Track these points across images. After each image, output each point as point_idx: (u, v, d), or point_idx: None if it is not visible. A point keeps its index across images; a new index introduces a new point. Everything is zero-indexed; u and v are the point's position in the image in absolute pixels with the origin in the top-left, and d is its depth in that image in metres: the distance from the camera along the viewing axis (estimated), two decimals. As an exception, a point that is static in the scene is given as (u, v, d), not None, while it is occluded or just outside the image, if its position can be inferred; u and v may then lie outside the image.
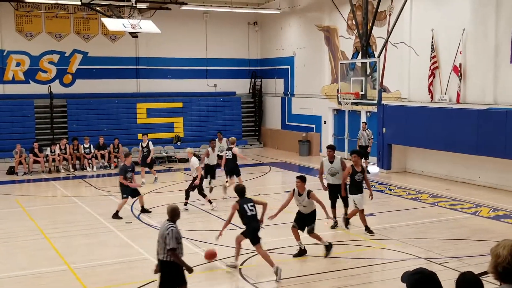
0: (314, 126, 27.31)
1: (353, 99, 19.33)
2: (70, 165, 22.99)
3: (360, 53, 21.20)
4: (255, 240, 10.04)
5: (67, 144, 23.16)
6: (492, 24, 18.13)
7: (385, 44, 19.97)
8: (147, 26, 22.43)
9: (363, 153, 12.90)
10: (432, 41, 20.02)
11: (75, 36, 27.57)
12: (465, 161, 18.98)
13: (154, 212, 15.02)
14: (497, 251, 3.70)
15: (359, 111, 24.34)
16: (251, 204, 10.26)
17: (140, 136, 19.99)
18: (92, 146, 23.25)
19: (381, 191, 17.95)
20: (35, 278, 10.16)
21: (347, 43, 24.81)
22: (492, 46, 18.14)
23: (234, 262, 10.42)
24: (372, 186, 15.39)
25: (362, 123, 22.17)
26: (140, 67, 28.81)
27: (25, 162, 22.26)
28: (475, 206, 15.72)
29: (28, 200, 17.64)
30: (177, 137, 28.18)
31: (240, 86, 31.20)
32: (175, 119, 28.64)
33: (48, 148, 22.83)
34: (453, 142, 18.52)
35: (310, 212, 11.23)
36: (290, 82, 29.27)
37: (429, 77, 20.21)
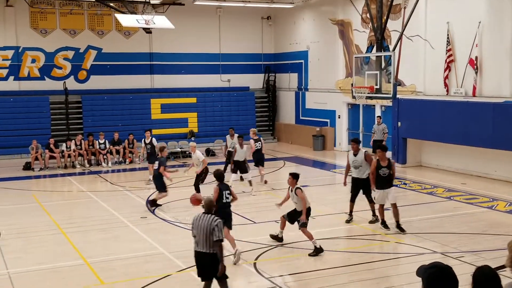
0: (328, 120, 27.23)
1: (368, 93, 19.24)
2: (86, 161, 23.14)
3: (375, 46, 21.07)
4: (228, 225, 10.40)
5: (82, 140, 23.31)
6: (508, 16, 17.93)
7: (400, 38, 19.85)
8: (160, 21, 22.45)
9: (384, 147, 12.59)
10: (447, 34, 19.85)
11: (89, 32, 27.72)
12: (481, 155, 18.83)
13: (169, 207, 15.08)
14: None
15: (374, 105, 24.22)
16: (228, 192, 10.79)
17: (148, 132, 19.39)
18: (107, 141, 23.40)
19: (396, 186, 17.79)
20: (52, 272, 10.25)
21: (361, 36, 24.67)
22: (509, 39, 17.94)
23: (235, 250, 10.53)
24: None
25: (377, 117, 22.06)
26: (154, 62, 28.90)
27: (41, 158, 22.44)
28: (491, 200, 15.60)
29: (45, 195, 17.79)
30: (191, 132, 28.24)
31: (254, 81, 31.19)
32: (189, 114, 28.70)
33: (64, 144, 22.99)
34: (469, 135, 18.37)
35: (301, 210, 11.19)
36: (304, 76, 29.19)
37: (445, 70, 20.04)
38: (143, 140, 19.44)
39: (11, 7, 26.12)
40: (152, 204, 15.02)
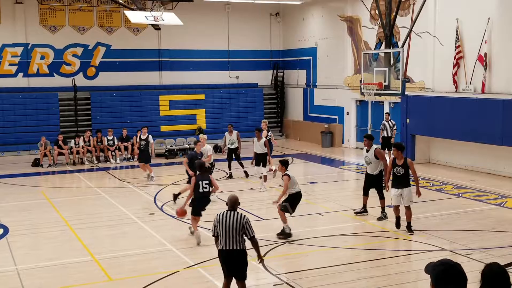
0: (336, 117, 27.17)
1: (377, 90, 19.19)
2: (94, 157, 23.21)
3: (384, 43, 21.04)
4: (197, 213, 11.46)
5: (91, 136, 23.38)
6: (518, 12, 17.82)
7: (409, 34, 19.77)
8: (169, 18, 22.46)
9: (400, 146, 12.32)
10: (456, 31, 19.74)
11: (98, 29, 27.78)
12: (490, 152, 18.73)
13: (177, 203, 15.07)
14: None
15: (382, 102, 24.15)
16: (206, 182, 11.46)
17: (145, 128, 19.09)
18: (115, 138, 23.46)
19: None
20: (61, 269, 10.29)
21: (370, 33, 24.59)
22: (518, 35, 17.84)
23: (192, 229, 11.82)
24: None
25: (385, 113, 21.99)
26: (162, 59, 28.93)
27: (50, 154, 22.53)
28: (500, 197, 15.52)
29: (53, 191, 17.85)
30: (199, 129, 28.25)
31: (262, 78, 31.17)
32: (198, 111, 28.72)
33: (72, 140, 23.07)
34: (478, 132, 18.27)
35: (289, 194, 11.80)
36: (312, 73, 29.14)
37: (454, 67, 19.94)
38: (139, 136, 19.08)
39: (21, 4, 26.22)
40: (175, 197, 14.97)
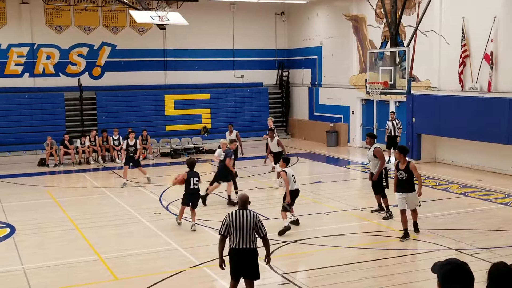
0: (342, 116, 27.14)
1: (382, 89, 19.16)
2: (100, 157, 23.25)
3: (389, 42, 20.98)
4: (194, 206, 12.45)
5: (96, 136, 23.43)
6: (524, 11, 17.74)
7: (414, 33, 19.72)
8: (174, 18, 22.47)
9: (402, 148, 12.13)
10: (462, 29, 19.66)
11: (103, 29, 27.84)
12: (497, 151, 18.66)
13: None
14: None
15: (388, 101, 24.10)
16: (196, 179, 12.30)
17: (133, 134, 18.35)
18: (121, 137, 23.46)
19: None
20: (67, 268, 10.32)
21: (375, 32, 24.53)
22: (525, 33, 17.76)
23: (178, 220, 12.79)
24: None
25: (391, 112, 21.94)
26: (167, 59, 28.96)
27: (56, 154, 22.59)
28: (506, 196, 15.46)
29: (59, 191, 17.89)
30: (204, 129, 28.28)
31: (267, 77, 31.15)
32: (203, 110, 28.74)
33: (78, 140, 23.12)
34: (484, 131, 18.21)
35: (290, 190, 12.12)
36: (317, 72, 29.10)
37: (460, 65, 19.86)
38: (126, 141, 18.28)
39: (27, 4, 26.30)
40: (204, 198, 14.77)
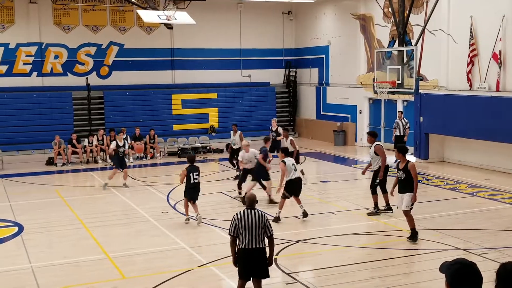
0: (349, 115, 27.09)
1: (390, 88, 19.10)
2: (107, 156, 23.31)
3: (397, 41, 20.93)
4: (194, 200, 12.91)
5: (104, 135, 23.50)
6: (533, 10, 17.64)
7: (422, 32, 19.65)
8: (182, 17, 22.50)
9: (401, 148, 12.00)
10: (471, 28, 19.58)
11: (111, 28, 27.90)
12: (505, 150, 18.57)
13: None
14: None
15: (396, 100, 24.03)
16: (196, 174, 12.81)
17: (122, 134, 18.01)
18: (128, 137, 23.51)
19: (418, 181, 17.67)
20: (75, 266, 10.36)
21: (383, 31, 24.47)
22: (534, 32, 17.66)
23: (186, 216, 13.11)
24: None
25: (398, 112, 21.88)
26: (175, 58, 29.00)
27: (64, 153, 22.66)
28: (515, 196, 15.40)
29: (67, 190, 17.96)
30: (211, 128, 28.30)
31: (275, 76, 31.14)
32: (210, 109, 28.77)
33: (86, 139, 23.20)
34: (492, 131, 18.13)
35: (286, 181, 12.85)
36: (325, 71, 29.06)
37: (468, 65, 19.79)
38: (116, 142, 17.94)
39: (35, 3, 26.40)
40: (271, 202, 14.70)
